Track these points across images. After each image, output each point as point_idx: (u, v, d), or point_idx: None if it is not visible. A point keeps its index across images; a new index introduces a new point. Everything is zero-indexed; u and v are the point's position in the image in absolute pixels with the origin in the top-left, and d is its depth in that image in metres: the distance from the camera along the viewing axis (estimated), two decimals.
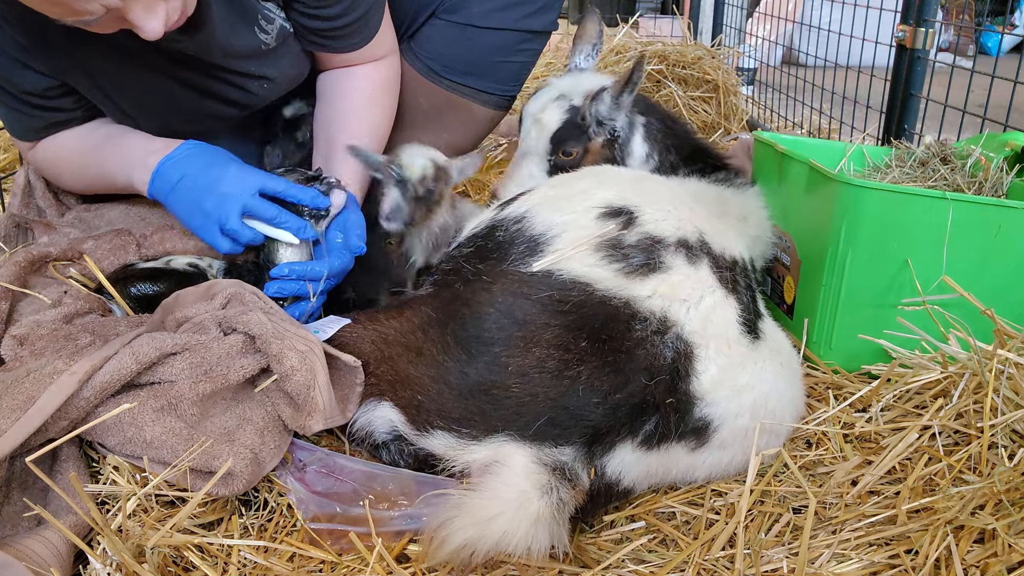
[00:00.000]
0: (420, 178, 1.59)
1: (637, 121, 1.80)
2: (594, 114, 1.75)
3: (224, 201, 1.45)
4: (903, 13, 2.34)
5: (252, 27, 1.54)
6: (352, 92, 1.74)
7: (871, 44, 2.58)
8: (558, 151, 1.76)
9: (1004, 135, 1.83)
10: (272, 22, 1.57)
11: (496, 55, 1.89)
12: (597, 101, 1.74)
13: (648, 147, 1.81)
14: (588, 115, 1.75)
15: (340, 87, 1.75)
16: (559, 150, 1.76)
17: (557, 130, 1.75)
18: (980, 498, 1.13)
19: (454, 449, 1.16)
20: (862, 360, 1.54)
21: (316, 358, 1.21)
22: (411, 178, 1.59)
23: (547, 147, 1.77)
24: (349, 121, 1.73)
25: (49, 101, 1.56)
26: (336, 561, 1.14)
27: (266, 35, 1.57)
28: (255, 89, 1.64)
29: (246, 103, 1.66)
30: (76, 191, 1.80)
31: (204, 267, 1.60)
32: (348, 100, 1.74)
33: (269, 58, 1.61)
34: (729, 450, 1.25)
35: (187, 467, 1.13)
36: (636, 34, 3.69)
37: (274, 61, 1.63)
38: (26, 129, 1.62)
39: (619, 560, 1.15)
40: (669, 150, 1.82)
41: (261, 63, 1.60)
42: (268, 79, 1.64)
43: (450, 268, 1.39)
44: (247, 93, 1.64)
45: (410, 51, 1.91)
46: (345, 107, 1.74)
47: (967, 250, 1.46)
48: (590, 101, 1.74)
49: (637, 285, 1.24)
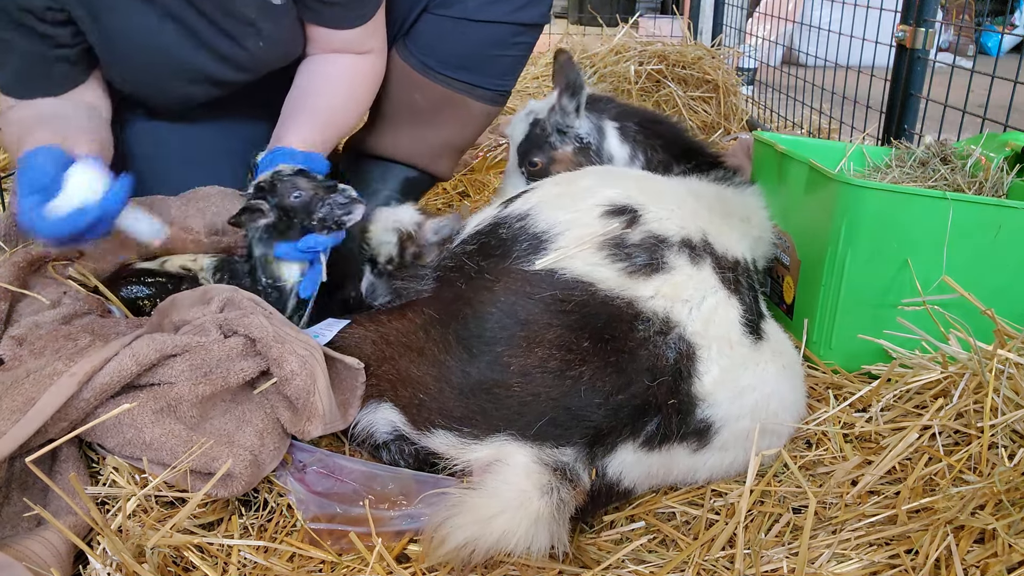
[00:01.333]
0: (387, 259, 1.58)
1: (607, 126, 1.86)
2: (553, 124, 1.83)
3: None
4: (903, 13, 2.34)
5: None
6: (326, 73, 1.73)
7: (871, 44, 2.58)
8: (524, 163, 1.86)
9: (1004, 135, 1.83)
10: None
11: (490, 49, 1.89)
12: (552, 111, 1.84)
13: (629, 149, 1.85)
14: (548, 126, 1.84)
15: (316, 69, 1.74)
16: (525, 162, 1.86)
17: (520, 143, 1.87)
18: (980, 498, 1.13)
19: (455, 448, 1.16)
20: (862, 360, 1.54)
21: (316, 363, 1.21)
22: (379, 260, 1.59)
23: (516, 160, 1.89)
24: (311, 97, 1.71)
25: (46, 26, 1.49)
26: (336, 561, 1.14)
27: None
28: (250, 45, 1.62)
29: (237, 62, 1.64)
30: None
31: (196, 270, 1.60)
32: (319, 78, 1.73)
33: (271, 13, 1.60)
34: (730, 451, 1.25)
35: (187, 468, 1.13)
36: (636, 34, 3.69)
37: (275, 18, 1.61)
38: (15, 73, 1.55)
39: (619, 560, 1.15)
40: (656, 149, 1.85)
41: (262, 13, 1.59)
42: (263, 36, 1.62)
43: (453, 265, 1.39)
44: (241, 48, 1.62)
45: (404, 48, 1.91)
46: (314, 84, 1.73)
47: (967, 250, 1.46)
48: (548, 112, 1.84)
49: (640, 285, 1.24)
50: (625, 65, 3.34)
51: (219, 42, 1.59)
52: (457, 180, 2.65)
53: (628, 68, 3.31)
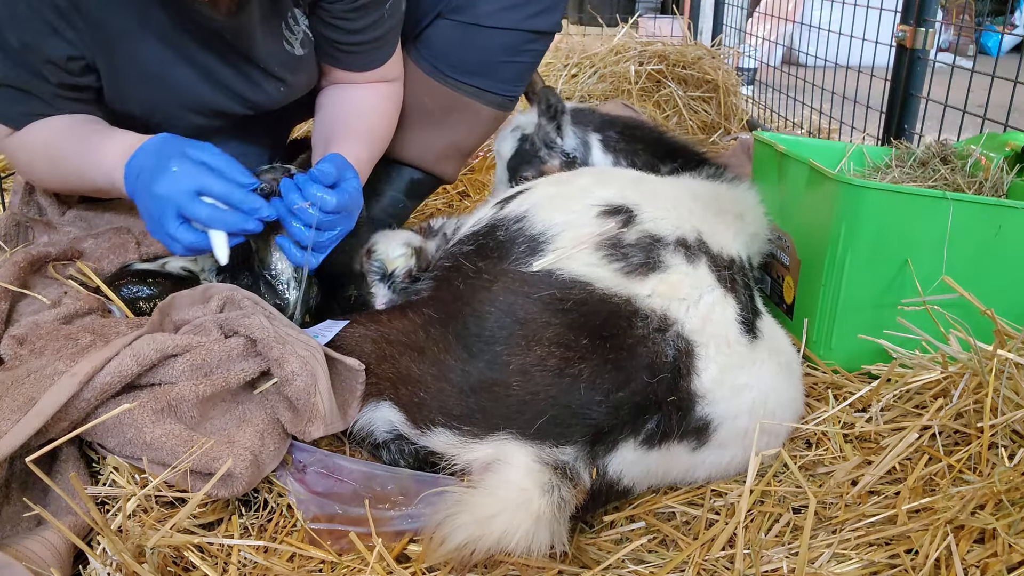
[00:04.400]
0: (405, 271, 1.59)
1: (591, 138, 1.92)
2: (541, 139, 1.90)
3: (158, 203, 1.34)
4: (903, 13, 2.34)
5: (280, 26, 1.53)
6: (355, 100, 1.75)
7: (871, 44, 2.58)
8: (515, 178, 1.92)
9: (1004, 135, 1.83)
10: (298, 25, 1.57)
11: (501, 55, 1.89)
12: (539, 128, 1.91)
13: (612, 158, 1.92)
14: (537, 141, 1.90)
15: (342, 96, 1.76)
16: (515, 177, 1.92)
17: (510, 159, 1.93)
18: (980, 498, 1.13)
19: (455, 447, 1.16)
20: (862, 360, 1.54)
21: (317, 363, 1.21)
22: (396, 272, 1.59)
23: (506, 175, 1.95)
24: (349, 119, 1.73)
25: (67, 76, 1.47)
26: (336, 561, 1.14)
27: (292, 35, 1.56)
28: (271, 90, 1.63)
29: (255, 103, 1.65)
30: (50, 187, 1.72)
31: (197, 271, 1.60)
32: (349, 104, 1.74)
33: (293, 64, 1.61)
34: (728, 450, 1.26)
35: (187, 468, 1.13)
36: (636, 34, 3.69)
37: (297, 67, 1.63)
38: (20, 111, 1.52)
39: (619, 560, 1.15)
40: (637, 153, 1.91)
41: (285, 66, 1.60)
42: (286, 83, 1.64)
43: (450, 265, 1.39)
44: (261, 91, 1.63)
45: (415, 51, 1.91)
46: (345, 110, 1.74)
47: (967, 250, 1.46)
48: (536, 128, 1.91)
49: (637, 285, 1.24)
50: (625, 65, 3.34)
51: (237, 84, 1.59)
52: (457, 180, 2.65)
53: (628, 68, 3.31)
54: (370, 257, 1.61)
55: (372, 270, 1.59)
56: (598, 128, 1.93)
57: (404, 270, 1.59)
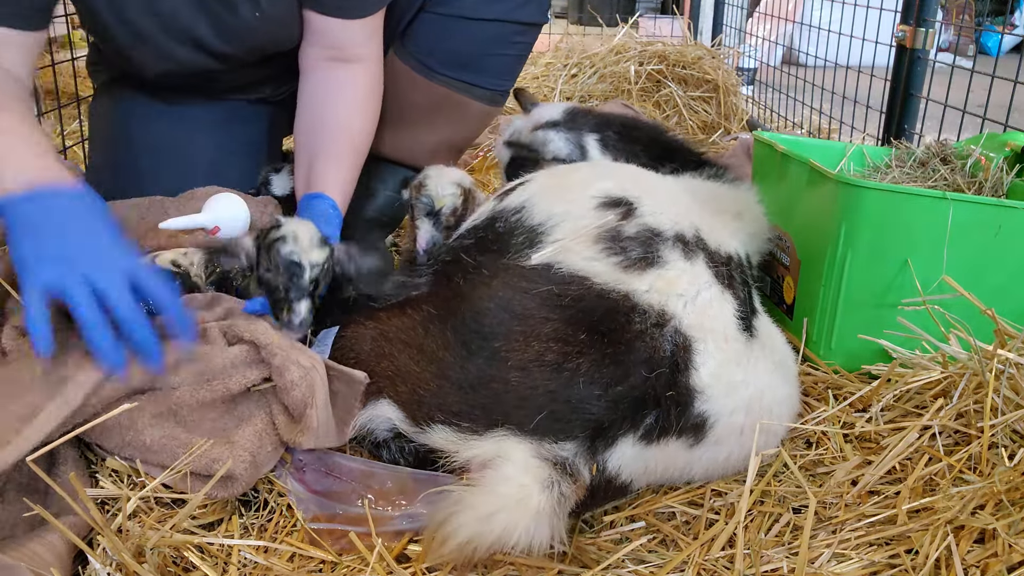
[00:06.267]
0: (452, 210, 1.59)
1: (588, 139, 1.90)
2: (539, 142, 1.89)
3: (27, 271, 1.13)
4: (903, 13, 2.34)
5: None
6: (337, 100, 1.73)
7: (871, 44, 2.58)
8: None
9: (1004, 135, 1.83)
10: None
11: (489, 47, 1.89)
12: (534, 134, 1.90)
13: (611, 158, 1.89)
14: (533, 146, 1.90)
15: (324, 93, 1.74)
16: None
17: (507, 165, 1.91)
18: (980, 498, 1.13)
19: (455, 444, 1.16)
20: (862, 360, 1.54)
21: (317, 375, 1.22)
22: (443, 211, 1.58)
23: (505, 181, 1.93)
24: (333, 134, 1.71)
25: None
26: (336, 561, 1.14)
27: None
28: (244, 12, 1.60)
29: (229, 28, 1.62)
30: None
31: (186, 265, 1.58)
32: (332, 108, 1.73)
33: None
34: (724, 447, 1.25)
35: (187, 470, 1.14)
36: (636, 34, 3.69)
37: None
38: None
39: (619, 560, 1.15)
40: (636, 155, 1.88)
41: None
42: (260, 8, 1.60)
43: (451, 259, 1.39)
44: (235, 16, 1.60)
45: (403, 48, 1.90)
46: (328, 115, 1.72)
47: (967, 250, 1.46)
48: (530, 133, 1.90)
49: (635, 279, 1.24)
50: (625, 65, 3.34)
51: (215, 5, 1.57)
52: None
53: (628, 68, 3.31)
54: (420, 192, 1.59)
55: (420, 205, 1.58)
56: (594, 128, 1.92)
57: (451, 208, 1.59)
